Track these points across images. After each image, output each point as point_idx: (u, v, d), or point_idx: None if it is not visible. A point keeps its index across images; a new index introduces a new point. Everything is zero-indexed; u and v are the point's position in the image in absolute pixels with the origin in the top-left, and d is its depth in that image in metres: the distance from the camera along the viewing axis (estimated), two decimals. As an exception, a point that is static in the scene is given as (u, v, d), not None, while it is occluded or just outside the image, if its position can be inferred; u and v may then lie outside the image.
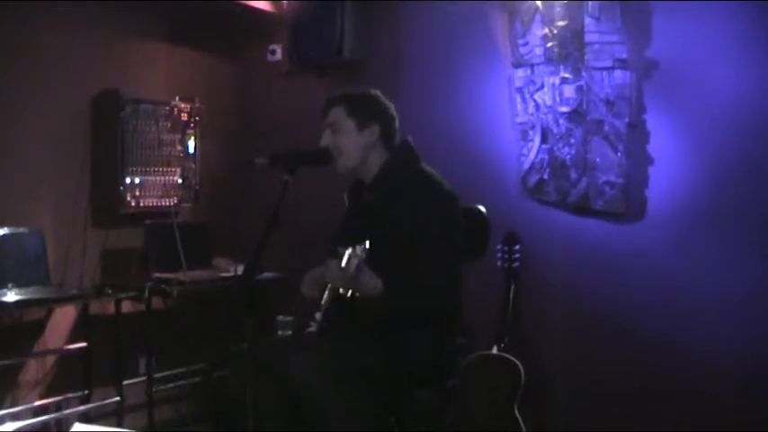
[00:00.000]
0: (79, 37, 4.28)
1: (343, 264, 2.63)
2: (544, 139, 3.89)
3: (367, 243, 2.67)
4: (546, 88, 3.87)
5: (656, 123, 3.64)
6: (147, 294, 4.03)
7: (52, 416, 4.02)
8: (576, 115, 3.79)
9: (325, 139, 2.97)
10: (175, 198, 4.53)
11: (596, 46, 3.72)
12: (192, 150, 4.63)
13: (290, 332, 3.81)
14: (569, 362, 3.88)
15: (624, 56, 3.66)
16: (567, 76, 3.81)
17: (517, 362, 3.40)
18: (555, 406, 3.90)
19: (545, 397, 3.87)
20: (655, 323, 3.64)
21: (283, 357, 2.70)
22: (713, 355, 3.49)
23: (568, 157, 3.82)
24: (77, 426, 2.80)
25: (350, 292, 2.71)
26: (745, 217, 3.45)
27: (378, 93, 3.04)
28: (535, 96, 3.91)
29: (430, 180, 2.91)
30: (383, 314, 2.76)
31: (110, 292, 4.01)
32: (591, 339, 3.81)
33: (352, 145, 2.94)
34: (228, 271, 4.21)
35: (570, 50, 3.79)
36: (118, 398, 4.13)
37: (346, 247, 2.66)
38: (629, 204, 3.69)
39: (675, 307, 3.59)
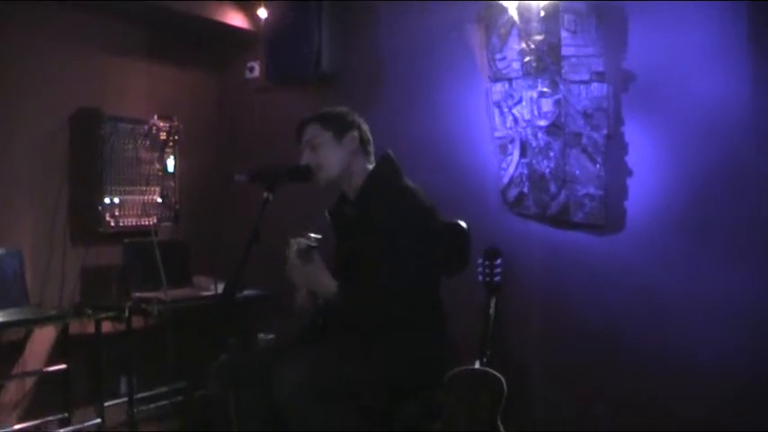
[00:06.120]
0: (58, 54, 4.25)
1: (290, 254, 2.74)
2: (523, 153, 3.91)
3: (315, 234, 2.76)
4: (524, 102, 3.89)
5: (633, 135, 3.67)
6: (127, 314, 4.01)
7: (31, 439, 3.98)
8: (554, 128, 3.81)
9: (306, 159, 2.96)
10: (155, 217, 4.50)
11: (573, 59, 3.74)
12: (171, 169, 4.61)
13: (272, 336, 3.80)
14: (551, 374, 3.89)
15: (601, 68, 3.69)
16: (544, 89, 3.83)
17: (499, 375, 3.40)
18: (537, 418, 3.90)
19: (528, 409, 3.87)
20: (636, 334, 3.65)
21: (266, 370, 2.69)
22: (694, 363, 3.50)
23: (547, 170, 3.84)
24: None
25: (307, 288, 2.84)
26: (724, 226, 3.46)
27: (347, 108, 3.05)
28: (513, 110, 3.92)
29: (407, 196, 2.86)
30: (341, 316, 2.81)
31: (89, 312, 3.97)
32: (572, 352, 3.82)
33: (333, 156, 2.93)
34: (209, 289, 4.19)
35: (547, 64, 3.81)
36: (98, 419, 4.09)
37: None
38: (609, 216, 3.71)
39: (656, 317, 3.60)
